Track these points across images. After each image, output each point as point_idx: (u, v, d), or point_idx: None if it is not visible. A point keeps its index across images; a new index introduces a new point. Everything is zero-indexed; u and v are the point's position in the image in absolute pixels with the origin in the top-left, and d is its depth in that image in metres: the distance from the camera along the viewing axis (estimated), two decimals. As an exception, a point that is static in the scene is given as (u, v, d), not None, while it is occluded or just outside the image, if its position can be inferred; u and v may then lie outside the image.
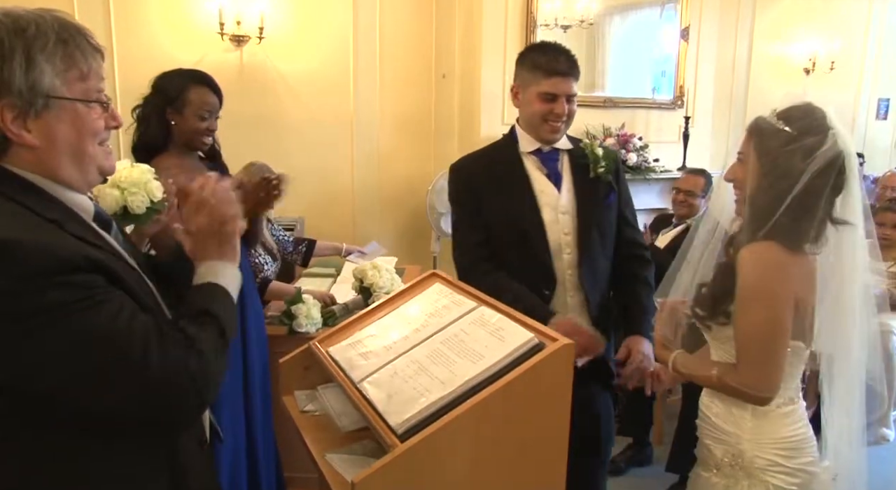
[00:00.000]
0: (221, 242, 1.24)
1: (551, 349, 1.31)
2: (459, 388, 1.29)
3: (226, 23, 4.23)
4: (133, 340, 1.01)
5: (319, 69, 4.67)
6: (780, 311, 1.51)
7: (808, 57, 6.39)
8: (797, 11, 6.35)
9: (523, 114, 2.18)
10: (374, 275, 2.85)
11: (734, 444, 1.64)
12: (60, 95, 1.07)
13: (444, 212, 4.64)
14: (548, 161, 2.19)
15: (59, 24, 1.08)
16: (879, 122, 7.07)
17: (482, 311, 1.51)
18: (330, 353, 1.66)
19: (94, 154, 1.13)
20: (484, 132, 4.76)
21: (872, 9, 6.72)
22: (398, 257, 4.10)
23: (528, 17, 4.77)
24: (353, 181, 4.93)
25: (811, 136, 1.53)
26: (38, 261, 0.97)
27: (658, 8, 5.50)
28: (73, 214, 1.11)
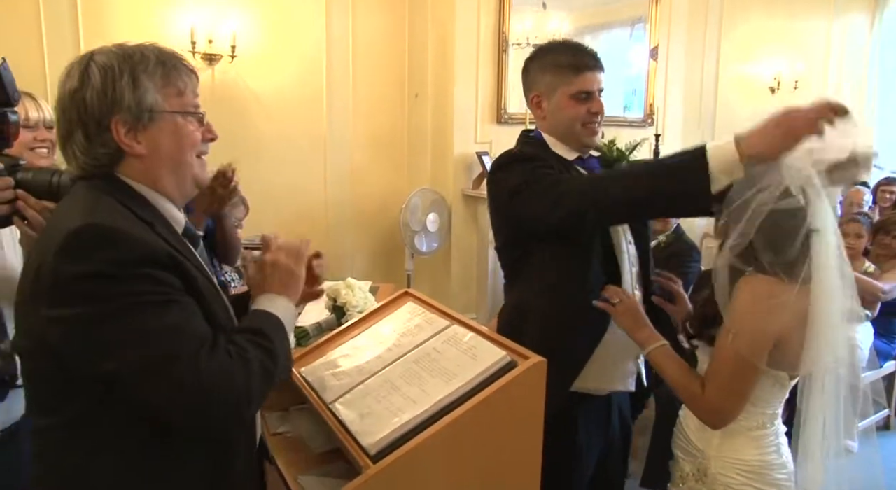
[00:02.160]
0: (289, 282, 1.31)
1: (524, 367, 1.31)
2: (432, 407, 1.29)
3: (197, 41, 4.21)
4: (189, 342, 1.08)
5: (292, 88, 4.67)
6: (757, 349, 1.51)
7: (773, 76, 6.54)
8: (761, 33, 6.50)
9: (554, 122, 1.92)
10: (347, 294, 2.83)
11: (700, 460, 1.67)
12: (162, 109, 1.20)
13: (418, 230, 4.64)
14: (594, 170, 1.95)
15: (158, 50, 1.24)
16: (843, 140, 7.22)
17: (454, 329, 1.51)
18: (302, 373, 1.65)
19: (192, 163, 1.26)
20: (457, 150, 4.79)
21: (832, 31, 6.91)
22: (371, 275, 4.08)
23: (500, 36, 4.82)
24: (326, 199, 4.91)
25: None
26: (132, 249, 1.07)
27: (628, 28, 5.59)
28: (166, 222, 1.23)
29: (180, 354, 1.07)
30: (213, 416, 1.10)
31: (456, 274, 4.92)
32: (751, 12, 6.42)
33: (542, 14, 4.96)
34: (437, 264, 5.03)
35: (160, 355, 1.06)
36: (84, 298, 1.05)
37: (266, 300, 1.28)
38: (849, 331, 1.58)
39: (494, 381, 1.30)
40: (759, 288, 1.52)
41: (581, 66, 1.88)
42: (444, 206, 4.78)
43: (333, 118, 4.84)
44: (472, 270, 4.96)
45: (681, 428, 1.77)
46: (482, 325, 1.53)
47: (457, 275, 4.92)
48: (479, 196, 4.80)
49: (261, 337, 1.19)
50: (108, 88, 1.17)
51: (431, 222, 4.66)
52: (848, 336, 1.58)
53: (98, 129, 1.17)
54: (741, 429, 1.62)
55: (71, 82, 1.18)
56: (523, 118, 4.74)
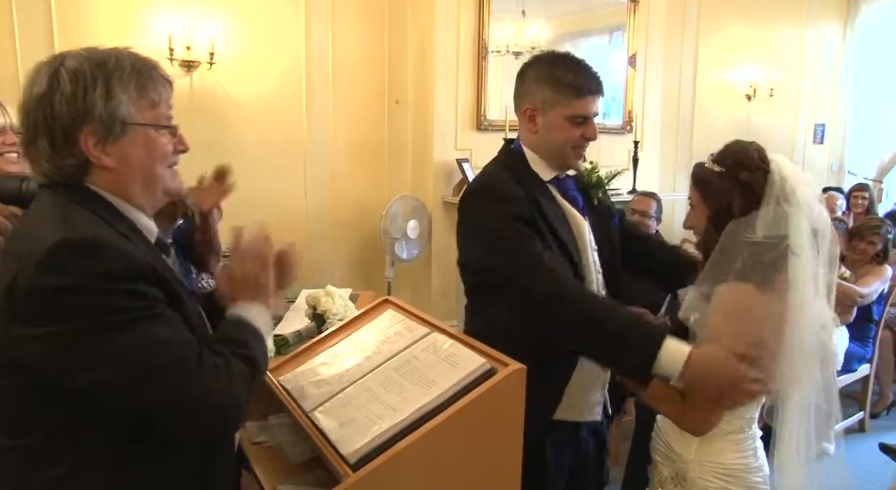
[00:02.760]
0: (258, 289, 1.30)
1: (503, 374, 1.31)
2: (411, 415, 1.29)
3: (175, 48, 4.18)
4: (178, 354, 1.08)
5: (271, 95, 4.65)
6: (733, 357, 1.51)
7: (750, 84, 6.62)
8: (738, 41, 6.59)
9: (543, 139, 1.83)
10: (327, 301, 2.81)
11: (679, 464, 1.68)
12: (135, 122, 1.17)
13: (398, 237, 4.64)
14: (568, 190, 1.90)
15: (133, 57, 1.20)
16: (816, 146, 7.34)
17: (434, 337, 1.50)
18: (281, 382, 1.64)
19: (163, 176, 1.24)
20: (437, 158, 4.79)
21: (806, 40, 7.03)
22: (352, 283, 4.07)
23: (480, 43, 4.84)
24: (306, 206, 4.89)
25: (745, 171, 1.60)
26: (115, 263, 1.06)
27: (607, 35, 5.64)
28: (140, 233, 1.21)
29: (172, 366, 1.07)
30: (207, 425, 1.13)
31: (436, 281, 4.92)
32: (727, 21, 6.50)
33: (521, 21, 4.99)
34: (417, 271, 5.03)
35: (153, 368, 1.06)
36: (69, 313, 1.03)
37: (241, 308, 1.27)
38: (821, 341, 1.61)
39: (474, 389, 1.30)
40: (738, 294, 1.55)
41: (584, 89, 1.79)
42: (424, 213, 4.78)
43: (313, 125, 4.82)
44: (453, 277, 4.95)
45: (659, 433, 1.78)
46: (462, 333, 1.53)
47: (437, 282, 4.92)
48: (460, 203, 4.80)
49: (242, 347, 1.19)
50: (79, 97, 1.13)
51: (412, 229, 4.66)
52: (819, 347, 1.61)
53: (65, 139, 1.13)
54: (720, 433, 1.63)
55: (39, 86, 1.14)
56: (503, 125, 4.76)
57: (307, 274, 4.82)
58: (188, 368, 1.08)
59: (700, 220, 1.70)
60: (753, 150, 1.65)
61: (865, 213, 5.83)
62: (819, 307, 1.59)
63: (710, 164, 1.67)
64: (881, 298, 4.08)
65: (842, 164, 7.43)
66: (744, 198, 1.60)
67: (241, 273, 1.32)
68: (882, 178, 7.06)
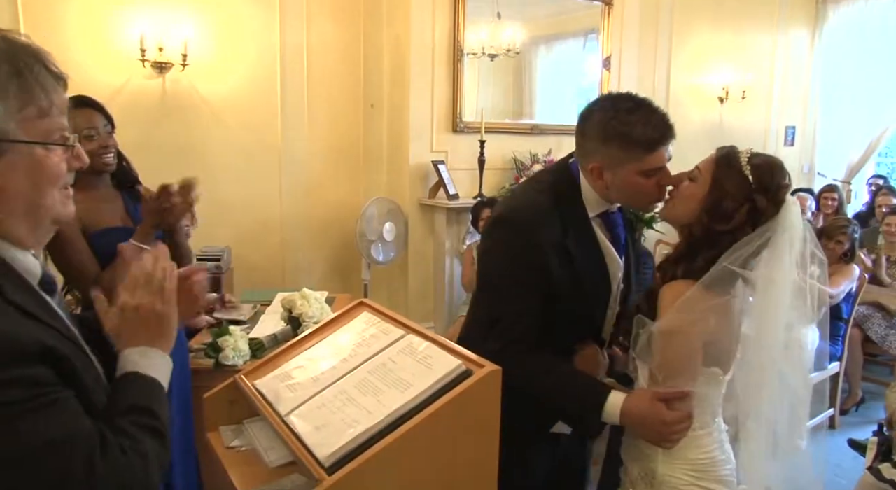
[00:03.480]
0: (158, 328, 1.09)
1: (479, 375, 1.31)
2: (387, 418, 1.28)
3: (147, 49, 4.14)
4: (78, 451, 0.89)
5: (245, 97, 4.62)
6: (691, 349, 1.57)
7: (722, 87, 6.70)
8: (710, 45, 6.67)
9: (615, 191, 1.73)
10: (303, 305, 2.80)
11: (647, 463, 1.68)
12: (15, 139, 0.93)
13: (375, 239, 4.63)
14: (614, 224, 1.83)
15: (11, 49, 0.93)
16: (788, 148, 7.45)
17: (410, 339, 1.50)
18: (256, 385, 1.63)
19: (52, 204, 0.99)
20: (413, 161, 4.79)
21: (776, 45, 7.14)
22: (328, 286, 4.05)
23: (455, 46, 4.85)
24: (281, 210, 4.87)
25: (762, 195, 1.57)
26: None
27: (581, 38, 5.68)
28: (21, 280, 0.97)
29: (72, 468, 0.88)
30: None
31: (413, 283, 4.92)
32: (699, 25, 6.59)
33: (496, 24, 5.00)
34: (394, 274, 5.02)
35: (51, 469, 0.87)
36: None
37: (138, 356, 1.05)
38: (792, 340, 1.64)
39: (450, 391, 1.30)
40: (677, 288, 1.59)
41: (655, 142, 1.65)
42: (400, 215, 4.77)
43: (288, 127, 4.80)
44: (430, 279, 4.96)
45: (629, 433, 1.79)
46: (439, 334, 1.53)
47: (414, 284, 4.92)
48: (436, 205, 4.81)
49: (148, 416, 1.00)
50: None
51: (388, 232, 4.65)
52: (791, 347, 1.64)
53: None
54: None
55: None
56: (479, 127, 4.77)
57: (283, 277, 4.81)
58: (92, 465, 0.89)
59: (689, 197, 1.63)
60: (785, 182, 1.61)
61: (835, 214, 5.94)
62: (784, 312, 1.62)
63: (745, 160, 1.59)
64: (850, 297, 4.16)
65: (812, 166, 7.56)
66: (748, 217, 1.57)
67: (136, 307, 1.08)
68: (851, 179, 7.20)
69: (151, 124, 4.17)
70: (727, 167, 1.60)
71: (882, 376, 4.63)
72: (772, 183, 1.58)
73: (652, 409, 1.58)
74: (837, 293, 4.01)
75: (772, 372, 1.62)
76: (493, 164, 4.94)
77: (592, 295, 1.78)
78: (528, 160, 5.04)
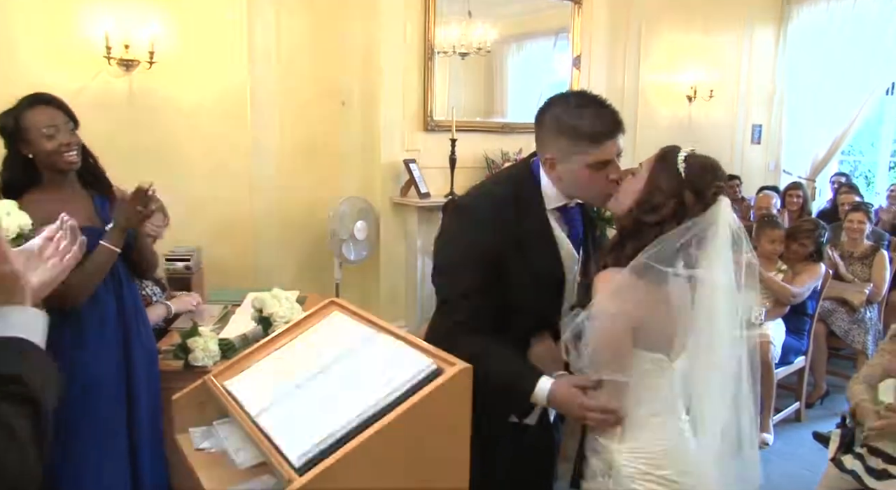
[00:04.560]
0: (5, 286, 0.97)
1: (449, 374, 1.32)
2: (358, 417, 1.28)
3: (113, 47, 4.06)
4: None
5: (214, 95, 4.57)
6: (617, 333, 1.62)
7: (690, 85, 6.79)
8: (678, 44, 6.75)
9: (569, 184, 1.80)
10: (273, 304, 2.79)
11: (606, 455, 1.69)
12: None
13: (346, 238, 4.61)
14: (572, 219, 1.90)
15: None
16: (754, 146, 7.58)
17: (381, 338, 1.50)
18: (226, 386, 1.62)
19: None
20: (384, 159, 4.78)
21: (743, 44, 7.26)
22: (299, 285, 4.03)
23: (426, 44, 4.85)
24: (251, 209, 4.82)
25: (691, 192, 1.62)
26: None
27: (552, 37, 5.72)
28: None
29: None
30: None
31: (385, 282, 4.91)
32: (668, 25, 6.66)
33: (467, 23, 5.01)
34: (365, 273, 5.01)
35: None
36: None
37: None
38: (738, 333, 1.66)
39: (421, 389, 1.30)
40: (608, 280, 1.64)
41: (601, 135, 1.72)
42: (371, 214, 4.76)
43: (258, 126, 4.75)
44: (401, 278, 4.96)
45: (590, 429, 1.78)
46: (410, 333, 1.53)
47: (386, 283, 4.91)
48: (408, 204, 4.80)
49: (17, 384, 0.87)
50: None
51: (359, 231, 4.64)
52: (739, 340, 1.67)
53: None
54: (640, 419, 1.66)
55: None
56: (450, 126, 4.78)
57: (254, 276, 4.76)
58: None
59: (629, 191, 1.69)
60: (718, 183, 1.66)
61: (800, 211, 6.06)
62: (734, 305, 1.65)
63: (681, 156, 1.66)
64: (815, 293, 4.24)
65: (778, 163, 7.69)
66: (674, 212, 1.63)
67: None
68: (815, 177, 7.33)
69: (118, 123, 4.10)
70: (663, 164, 1.68)
71: (845, 370, 4.73)
72: (702, 182, 1.64)
73: (569, 393, 1.68)
74: (800, 292, 4.09)
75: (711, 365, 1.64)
76: (465, 162, 4.95)
77: (544, 285, 1.83)
78: (500, 158, 5.06)
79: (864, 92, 6.85)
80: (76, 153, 2.19)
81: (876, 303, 4.76)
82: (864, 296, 4.64)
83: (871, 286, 4.70)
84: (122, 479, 2.21)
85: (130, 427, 2.23)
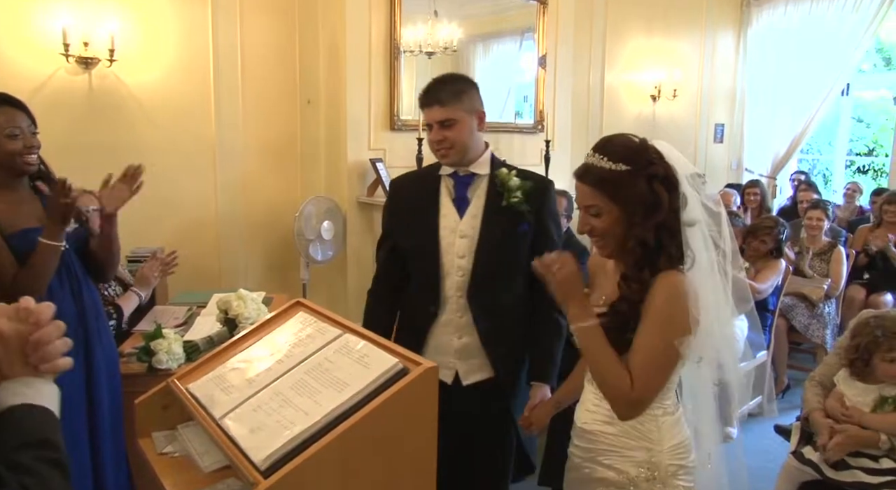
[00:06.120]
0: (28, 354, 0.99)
1: (416, 373, 1.32)
2: (324, 418, 1.28)
3: (71, 44, 3.98)
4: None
5: (177, 93, 4.50)
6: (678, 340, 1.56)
7: (654, 85, 6.89)
8: (642, 45, 6.85)
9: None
10: (239, 305, 2.75)
11: (648, 458, 1.64)
12: None
13: (313, 238, 4.58)
14: (459, 185, 2.25)
15: None
16: (717, 145, 7.72)
17: (346, 338, 1.50)
18: (189, 389, 1.60)
19: None
20: (351, 158, 4.75)
21: (705, 46, 7.39)
22: (266, 286, 3.99)
23: (392, 43, 4.83)
24: (216, 209, 4.76)
25: (652, 165, 1.59)
26: None
27: (518, 37, 5.74)
28: None
29: None
30: None
31: (352, 282, 4.88)
32: (632, 26, 6.75)
33: (433, 22, 5.01)
34: (333, 273, 4.98)
35: None
36: None
37: (21, 387, 0.97)
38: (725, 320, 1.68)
39: (386, 389, 1.30)
40: (675, 281, 1.58)
41: (420, 102, 2.23)
42: (338, 213, 4.73)
43: (222, 125, 4.70)
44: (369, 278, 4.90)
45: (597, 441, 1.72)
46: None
47: (353, 283, 4.88)
48: (374, 203, 4.78)
49: (49, 449, 0.93)
50: None
51: (326, 230, 4.61)
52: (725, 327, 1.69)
53: None
54: (658, 420, 1.65)
55: None
56: (416, 125, 4.76)
57: (219, 277, 4.71)
58: None
59: (612, 224, 1.62)
60: (641, 141, 1.63)
61: (759, 208, 6.18)
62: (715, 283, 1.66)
63: (608, 163, 1.59)
64: (776, 289, 4.33)
65: (740, 162, 7.83)
66: (668, 190, 1.58)
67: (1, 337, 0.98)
68: (776, 175, 7.49)
69: (77, 122, 4.02)
70: (608, 181, 1.60)
71: (806, 363, 4.84)
72: (639, 151, 1.61)
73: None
74: (765, 289, 4.17)
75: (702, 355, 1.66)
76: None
77: (419, 235, 2.24)
78: (467, 158, 5.06)
79: (820, 93, 7.01)
80: (36, 156, 2.16)
81: (834, 298, 4.87)
82: (822, 291, 4.75)
83: (830, 282, 4.81)
84: (86, 484, 2.17)
85: (92, 433, 2.19)
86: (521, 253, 2.18)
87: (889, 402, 2.52)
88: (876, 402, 2.54)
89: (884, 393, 2.54)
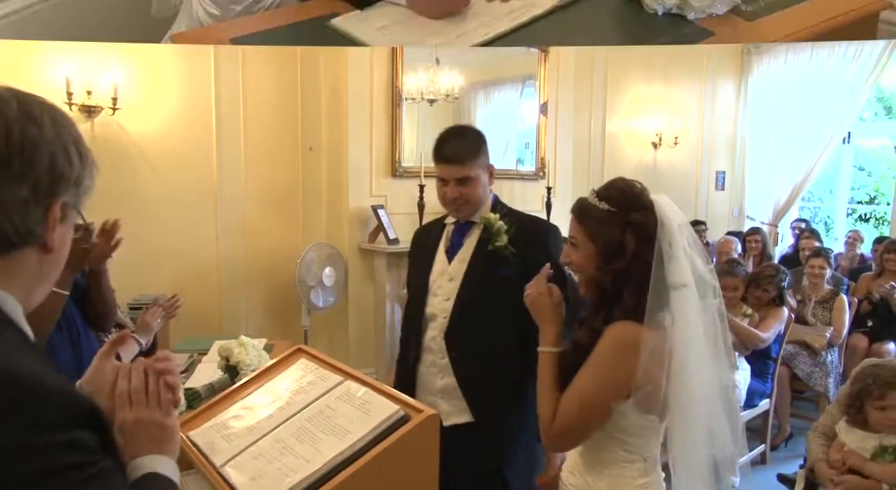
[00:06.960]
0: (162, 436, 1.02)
1: (417, 420, 1.31)
2: (325, 466, 1.26)
3: (74, 92, 4.05)
4: None
5: (179, 141, 4.56)
6: (609, 391, 1.54)
7: (655, 132, 6.96)
8: (643, 93, 6.94)
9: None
10: (240, 352, 2.74)
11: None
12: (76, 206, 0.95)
13: (314, 285, 4.58)
14: (456, 233, 2.31)
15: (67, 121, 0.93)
16: (718, 193, 7.76)
17: (348, 385, 1.49)
18: (191, 437, 1.58)
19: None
20: (352, 204, 4.80)
21: (705, 94, 7.49)
22: (267, 332, 3.97)
23: (394, 90, 4.92)
24: (217, 256, 4.77)
25: (635, 212, 1.58)
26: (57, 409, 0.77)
27: (519, 85, 5.83)
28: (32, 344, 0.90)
29: None
30: None
31: (353, 328, 4.87)
32: (632, 74, 6.85)
33: (435, 70, 5.10)
34: (334, 319, 4.97)
35: None
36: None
37: (150, 462, 0.98)
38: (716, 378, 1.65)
39: (387, 436, 1.29)
40: (624, 332, 1.55)
41: (436, 157, 2.27)
42: (339, 260, 4.75)
43: (223, 172, 4.74)
44: (370, 324, 4.92)
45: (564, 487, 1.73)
46: (380, 380, 1.52)
47: (354, 329, 4.88)
48: (376, 249, 4.80)
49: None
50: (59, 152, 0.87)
51: (327, 277, 4.61)
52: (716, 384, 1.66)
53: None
54: (626, 480, 1.61)
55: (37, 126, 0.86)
56: (418, 171, 4.82)
57: (220, 324, 4.69)
58: None
59: (585, 259, 1.64)
60: (639, 189, 1.63)
61: (760, 255, 6.18)
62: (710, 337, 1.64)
63: (596, 201, 1.62)
64: (779, 337, 4.31)
65: (742, 210, 7.86)
66: (637, 238, 1.58)
67: (137, 420, 1.01)
68: (777, 222, 7.50)
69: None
70: (590, 218, 1.62)
71: (808, 412, 4.78)
72: (629, 197, 1.61)
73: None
74: (768, 337, 4.16)
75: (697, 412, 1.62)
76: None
77: (415, 280, 2.37)
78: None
79: (821, 141, 7.06)
80: None
81: (836, 346, 4.84)
82: (825, 339, 4.72)
83: (832, 330, 4.78)
84: None
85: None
86: (505, 297, 2.09)
87: (889, 452, 2.48)
88: (875, 450, 2.51)
89: (884, 442, 2.50)
